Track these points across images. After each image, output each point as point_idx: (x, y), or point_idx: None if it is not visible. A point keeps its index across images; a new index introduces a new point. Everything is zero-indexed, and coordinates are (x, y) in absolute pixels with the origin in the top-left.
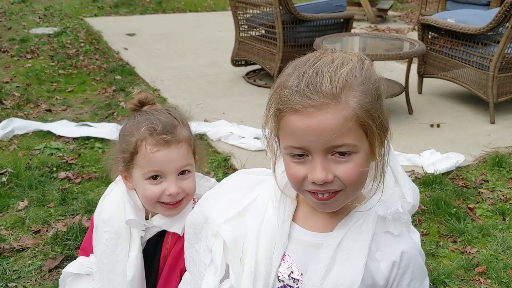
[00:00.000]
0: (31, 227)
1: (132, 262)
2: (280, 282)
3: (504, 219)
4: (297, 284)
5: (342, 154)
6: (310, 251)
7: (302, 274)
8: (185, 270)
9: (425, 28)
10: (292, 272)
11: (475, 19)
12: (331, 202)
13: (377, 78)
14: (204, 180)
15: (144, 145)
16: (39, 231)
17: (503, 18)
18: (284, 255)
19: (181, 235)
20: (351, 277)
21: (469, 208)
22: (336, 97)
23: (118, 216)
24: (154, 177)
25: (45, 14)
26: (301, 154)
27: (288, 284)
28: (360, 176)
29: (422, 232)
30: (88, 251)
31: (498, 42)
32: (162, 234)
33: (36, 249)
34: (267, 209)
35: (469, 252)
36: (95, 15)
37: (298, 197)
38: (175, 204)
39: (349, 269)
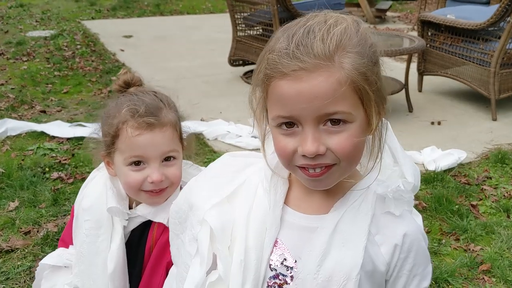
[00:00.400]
0: (21, 228)
1: (113, 253)
2: (272, 270)
3: (508, 216)
4: (290, 272)
5: (335, 123)
6: (304, 235)
7: (296, 261)
8: (172, 264)
9: (425, 25)
10: (285, 259)
11: (476, 14)
12: (324, 179)
13: (373, 43)
14: (193, 168)
15: (125, 128)
16: (29, 232)
17: (505, 13)
18: (276, 241)
19: (168, 225)
20: (350, 262)
21: (472, 205)
22: (329, 58)
23: (99, 204)
24: (137, 163)
25: (42, 17)
26: (290, 124)
27: (281, 273)
28: (355, 148)
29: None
30: (68, 242)
31: (499, 38)
32: (147, 224)
33: (26, 250)
34: (257, 193)
35: (473, 250)
36: (93, 18)
37: (291, 177)
38: (159, 192)
39: (347, 254)
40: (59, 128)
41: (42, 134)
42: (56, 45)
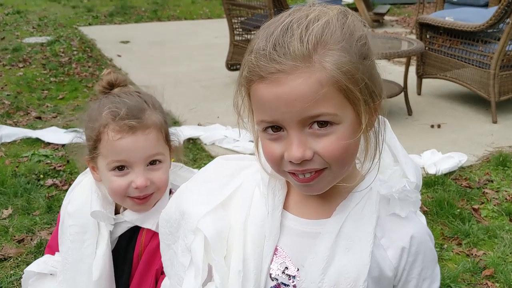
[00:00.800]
0: (14, 236)
1: (99, 260)
2: (273, 280)
3: (511, 220)
4: (293, 282)
5: (322, 125)
6: (306, 242)
7: (298, 270)
8: (162, 271)
9: (423, 28)
10: (286, 267)
11: (474, 16)
12: (315, 184)
13: (363, 34)
14: (183, 170)
15: (106, 132)
16: (23, 240)
17: (504, 14)
18: (276, 249)
19: (157, 231)
20: (356, 268)
21: (474, 209)
22: (307, 58)
23: (85, 209)
24: (120, 168)
25: (39, 24)
26: (276, 128)
27: (282, 282)
28: (345, 151)
29: None
30: (54, 249)
31: (499, 39)
32: (136, 230)
33: (19, 259)
34: (254, 197)
35: (475, 254)
36: (90, 24)
37: (288, 182)
38: (144, 199)
39: (353, 260)
40: (54, 135)
41: (37, 140)
42: (52, 51)
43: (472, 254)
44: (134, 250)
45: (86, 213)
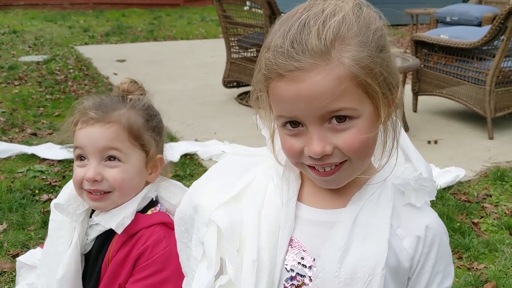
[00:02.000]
0: (9, 251)
1: (65, 259)
2: (288, 271)
3: (511, 234)
4: (309, 272)
5: (340, 120)
6: (322, 231)
7: (314, 260)
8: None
9: (418, 45)
10: (302, 258)
11: (469, 34)
12: (335, 178)
13: (379, 26)
14: (167, 181)
15: (76, 122)
16: (17, 254)
17: (498, 31)
18: (291, 240)
19: (119, 233)
20: (374, 256)
21: (473, 223)
22: (325, 55)
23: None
24: (81, 158)
25: (35, 43)
26: (295, 124)
27: (298, 273)
28: (364, 144)
29: None
30: None
31: (494, 56)
32: (110, 235)
33: (14, 274)
34: (268, 190)
35: (476, 268)
36: (86, 44)
37: (302, 173)
38: (98, 195)
39: (370, 248)
40: (49, 150)
41: (33, 156)
42: (48, 70)
43: (473, 268)
44: (104, 258)
45: None
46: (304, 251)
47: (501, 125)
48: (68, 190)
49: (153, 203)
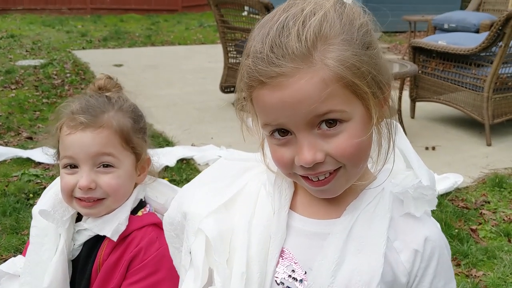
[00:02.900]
0: (2, 255)
1: (51, 266)
2: (279, 284)
3: (509, 241)
4: (300, 286)
5: (330, 125)
6: (314, 243)
7: (306, 273)
8: None
9: (416, 52)
10: (293, 271)
11: (467, 41)
12: (330, 187)
13: (364, 21)
14: (157, 183)
15: (62, 127)
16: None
17: (496, 37)
18: (282, 251)
19: (115, 240)
20: (369, 270)
21: (472, 230)
22: (307, 57)
23: None
24: (72, 166)
25: (33, 47)
26: (283, 132)
27: (288, 287)
28: (359, 149)
29: None
30: None
31: (492, 62)
32: (98, 241)
33: None
34: (259, 197)
35: (475, 275)
36: (83, 48)
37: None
38: (91, 202)
39: (365, 261)
40: (45, 155)
41: (28, 160)
42: (45, 74)
43: (471, 275)
44: (94, 263)
45: None
46: (295, 263)
47: (499, 131)
48: (51, 195)
49: (142, 203)
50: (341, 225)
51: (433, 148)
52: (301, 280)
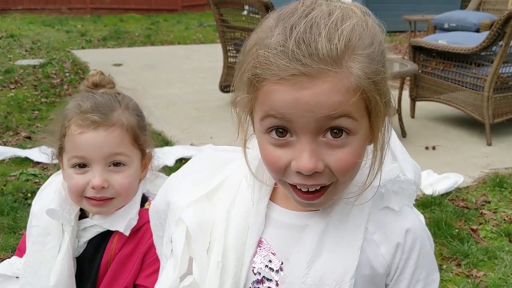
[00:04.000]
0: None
1: (57, 264)
2: (255, 274)
3: (510, 241)
4: (277, 276)
5: (336, 135)
6: (292, 235)
7: (282, 263)
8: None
9: (416, 51)
10: (270, 261)
11: (467, 40)
12: (318, 201)
13: (381, 40)
14: (161, 178)
15: (70, 126)
16: (8, 258)
17: (497, 37)
18: (260, 241)
19: (127, 235)
20: (343, 264)
21: (472, 230)
22: (336, 61)
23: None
24: (81, 166)
25: (32, 47)
26: (281, 132)
27: (265, 277)
28: (357, 166)
29: None
30: (23, 251)
31: (492, 62)
32: (106, 236)
33: None
34: (240, 188)
35: (475, 275)
36: (83, 48)
37: None
38: (102, 201)
39: (340, 255)
40: (43, 154)
41: (26, 159)
42: (44, 73)
43: (472, 275)
44: (102, 258)
45: None
46: (273, 254)
47: (499, 131)
48: (55, 194)
49: (144, 197)
50: (320, 217)
51: (433, 148)
52: (277, 271)
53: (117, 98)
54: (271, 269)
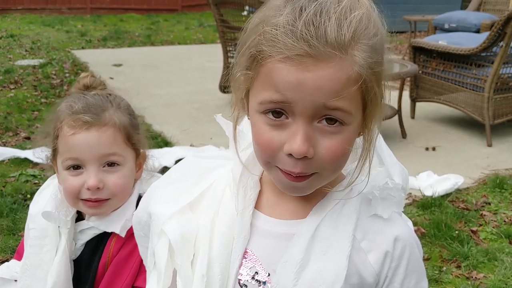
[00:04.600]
0: None
1: (54, 267)
2: (242, 287)
3: (510, 242)
4: None
5: (331, 122)
6: (279, 244)
7: (269, 275)
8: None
9: (416, 52)
10: (256, 272)
11: (467, 41)
12: (304, 185)
13: (384, 33)
14: (156, 178)
15: (62, 127)
16: (7, 260)
17: (497, 37)
18: (246, 252)
19: (123, 236)
20: (332, 273)
21: (472, 231)
22: (343, 48)
23: None
24: (75, 167)
25: (32, 47)
26: (277, 113)
27: None
28: (344, 156)
29: (423, 257)
30: (21, 255)
31: (492, 63)
32: (104, 238)
33: None
34: (224, 197)
35: (475, 277)
36: (83, 48)
37: (262, 179)
38: (98, 202)
39: (329, 264)
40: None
41: (25, 160)
42: (44, 74)
43: (472, 277)
44: (99, 260)
45: None
46: (259, 265)
47: (499, 132)
48: (50, 197)
49: (141, 196)
50: (307, 225)
51: (434, 149)
52: (264, 282)
53: (108, 98)
54: (258, 281)
